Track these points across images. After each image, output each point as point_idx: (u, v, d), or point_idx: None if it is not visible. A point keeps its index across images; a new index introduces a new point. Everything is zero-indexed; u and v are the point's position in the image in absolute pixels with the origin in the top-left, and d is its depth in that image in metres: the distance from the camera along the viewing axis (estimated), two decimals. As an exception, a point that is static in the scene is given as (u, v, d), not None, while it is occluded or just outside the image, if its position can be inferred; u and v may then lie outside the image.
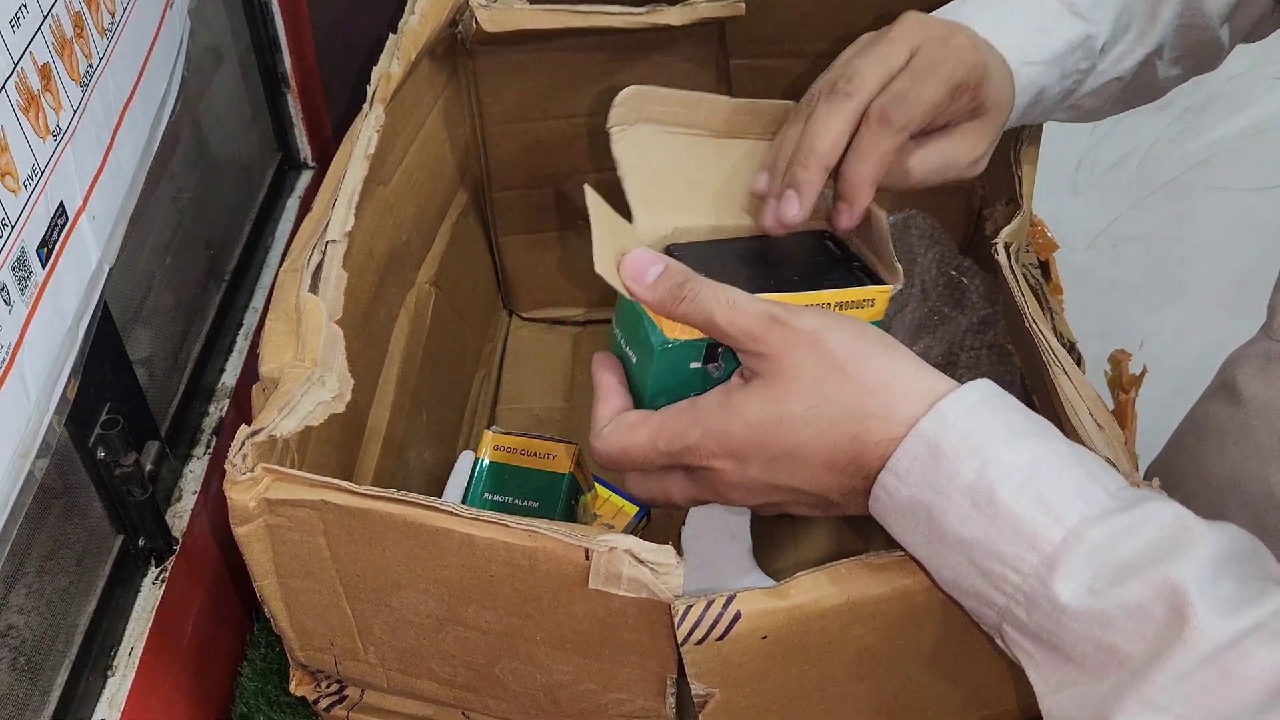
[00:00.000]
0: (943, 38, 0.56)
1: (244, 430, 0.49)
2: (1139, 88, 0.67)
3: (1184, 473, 0.65)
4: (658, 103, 0.61)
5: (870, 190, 0.56)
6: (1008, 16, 0.60)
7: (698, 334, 0.51)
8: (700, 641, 0.46)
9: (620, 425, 0.51)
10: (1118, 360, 0.74)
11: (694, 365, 0.52)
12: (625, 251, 0.52)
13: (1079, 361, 0.61)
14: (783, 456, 0.47)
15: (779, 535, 0.82)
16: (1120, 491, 0.43)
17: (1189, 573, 0.39)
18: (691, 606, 0.46)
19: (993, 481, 0.43)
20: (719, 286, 0.49)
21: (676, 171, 0.61)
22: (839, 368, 0.46)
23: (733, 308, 0.48)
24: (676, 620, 0.46)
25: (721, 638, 0.46)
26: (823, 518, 0.53)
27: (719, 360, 0.52)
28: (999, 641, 0.45)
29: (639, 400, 0.53)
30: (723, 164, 0.62)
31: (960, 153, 0.59)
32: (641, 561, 0.46)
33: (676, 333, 0.51)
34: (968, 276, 0.88)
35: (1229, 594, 0.39)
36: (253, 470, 0.49)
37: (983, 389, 0.45)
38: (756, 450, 0.47)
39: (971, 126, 0.59)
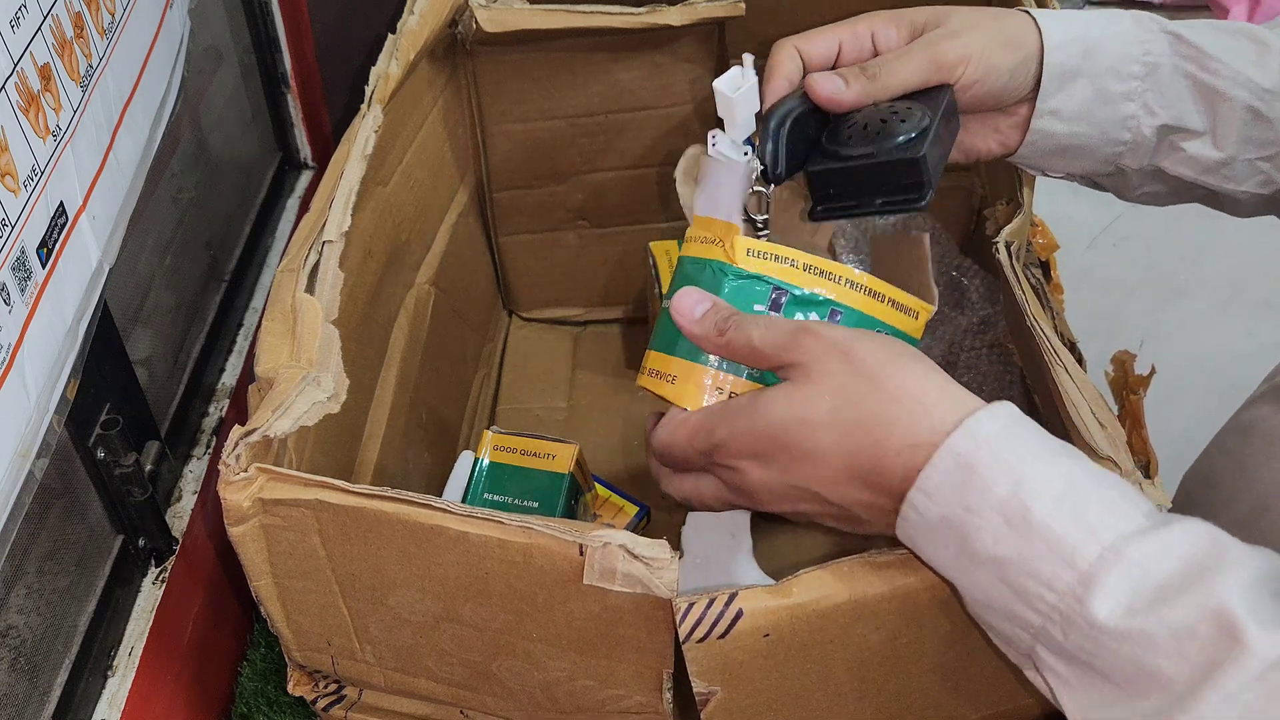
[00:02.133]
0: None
1: (238, 430, 0.49)
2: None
3: (1226, 476, 0.64)
4: None
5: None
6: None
7: None
8: (702, 639, 0.46)
9: (669, 422, 0.53)
10: (1122, 361, 0.74)
11: None
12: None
13: (1080, 361, 0.61)
14: (804, 458, 0.47)
15: (779, 535, 0.82)
16: (1153, 513, 0.43)
17: (1234, 593, 0.38)
18: (693, 604, 0.46)
19: (1027, 498, 0.42)
20: (756, 317, 0.51)
21: None
22: (866, 375, 0.46)
23: (769, 327, 0.50)
24: (678, 618, 0.46)
25: (723, 636, 0.46)
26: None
27: None
28: (1029, 671, 0.44)
29: None
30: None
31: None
32: (636, 557, 0.46)
33: None
34: (968, 276, 0.88)
35: (1276, 613, 0.38)
36: (247, 470, 0.49)
37: (1010, 410, 0.45)
38: (779, 450, 0.47)
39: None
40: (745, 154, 0.57)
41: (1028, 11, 0.60)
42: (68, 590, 0.62)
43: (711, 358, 0.53)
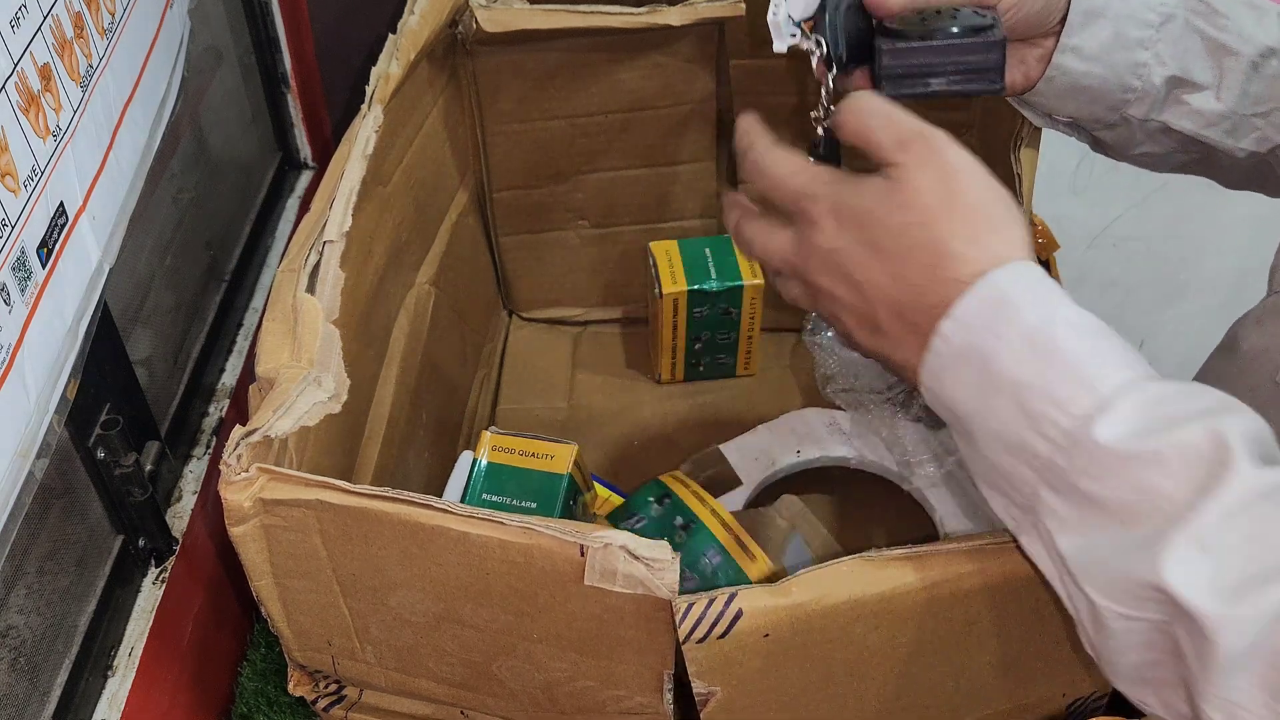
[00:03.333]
0: None
1: (239, 430, 0.49)
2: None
3: (1212, 376, 0.65)
4: None
5: None
6: None
7: None
8: (702, 640, 0.46)
9: (787, 160, 0.51)
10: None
11: None
12: None
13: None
14: (868, 244, 0.47)
15: (777, 535, 0.82)
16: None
17: (1235, 427, 0.40)
18: (693, 605, 0.46)
19: (1056, 328, 0.43)
20: (880, 103, 0.50)
21: None
22: (952, 204, 0.46)
23: (890, 119, 0.49)
24: (678, 619, 0.46)
25: (723, 636, 0.46)
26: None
27: None
28: (1027, 534, 0.45)
29: None
30: None
31: None
32: (637, 558, 0.46)
33: None
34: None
35: (1266, 456, 0.40)
36: (247, 470, 0.49)
37: (1054, 282, 0.46)
38: (854, 228, 0.48)
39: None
40: (794, 35, 0.57)
41: None
42: (68, 590, 0.62)
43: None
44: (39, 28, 0.51)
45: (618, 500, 0.79)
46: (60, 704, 0.59)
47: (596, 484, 0.77)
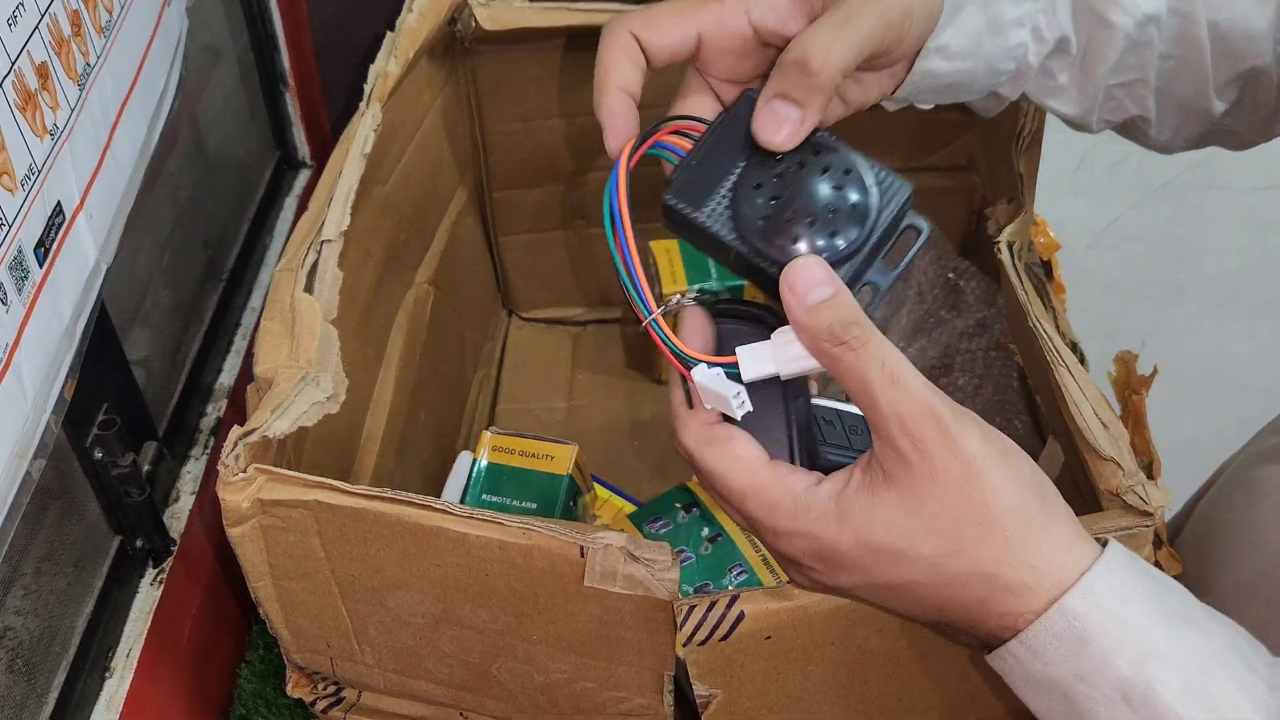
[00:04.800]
0: None
1: (236, 431, 0.49)
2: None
3: (1235, 534, 0.62)
4: None
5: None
6: None
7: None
8: (703, 642, 0.46)
9: (724, 459, 0.44)
10: (1125, 361, 0.73)
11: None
12: None
13: (1083, 361, 0.61)
14: (887, 587, 0.42)
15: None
16: (1272, 671, 0.40)
17: None
18: (694, 607, 0.46)
19: (1151, 679, 0.38)
20: (886, 345, 0.41)
21: None
22: (988, 517, 0.40)
23: (896, 384, 0.40)
24: (679, 621, 0.46)
25: (725, 638, 0.46)
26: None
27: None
28: None
29: None
30: None
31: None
32: (637, 559, 0.45)
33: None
34: (964, 279, 0.88)
35: None
36: (245, 471, 0.48)
37: (1124, 557, 0.41)
38: (860, 572, 0.42)
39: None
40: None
41: None
42: (65, 591, 0.61)
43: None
44: (36, 26, 0.51)
45: (618, 501, 0.79)
46: (58, 706, 0.58)
47: (596, 485, 0.77)
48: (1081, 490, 0.57)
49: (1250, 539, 0.60)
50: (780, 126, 0.45)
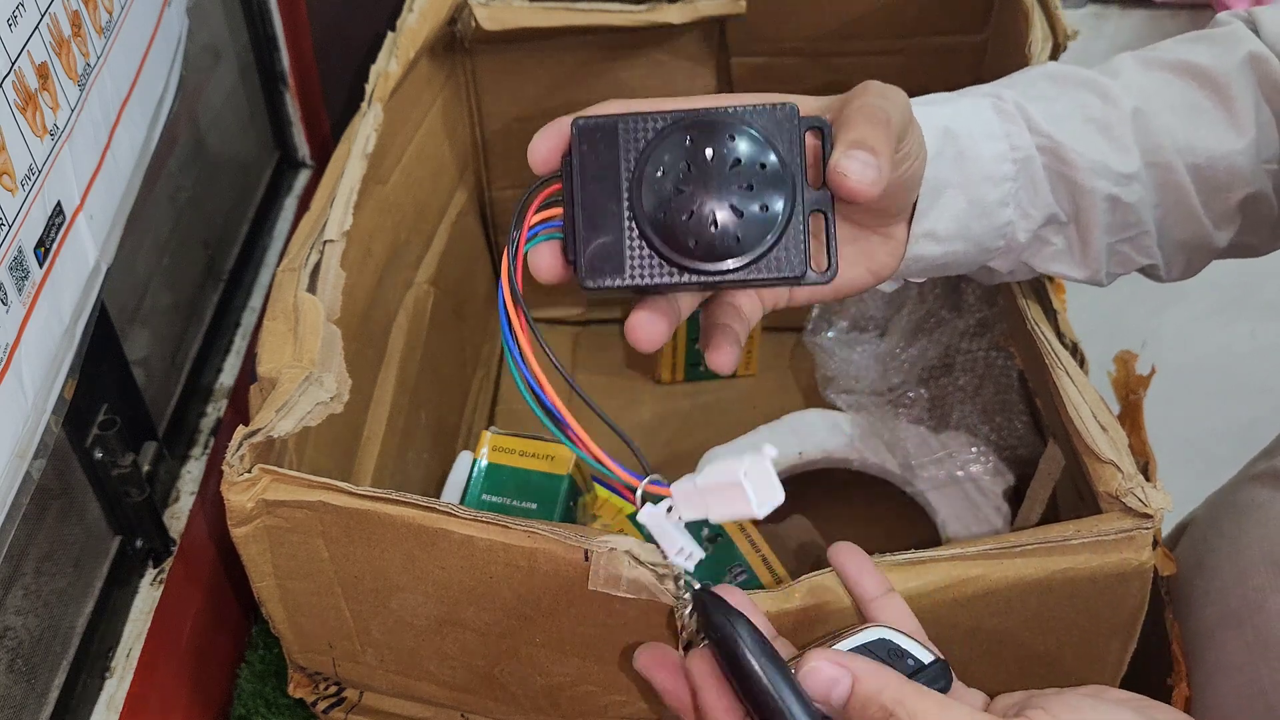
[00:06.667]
0: None
1: (241, 431, 0.49)
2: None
3: (1221, 562, 0.62)
4: None
5: None
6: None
7: None
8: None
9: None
10: (1124, 361, 0.73)
11: None
12: None
13: (1082, 363, 0.61)
14: None
15: (780, 538, 0.82)
16: None
17: None
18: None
19: None
20: (946, 705, 0.39)
21: None
22: None
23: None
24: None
25: (723, 639, 0.46)
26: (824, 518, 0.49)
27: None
28: None
29: None
30: None
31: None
32: (641, 563, 0.45)
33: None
34: (965, 279, 0.88)
35: None
36: (250, 471, 0.48)
37: None
38: None
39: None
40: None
41: None
42: (65, 591, 0.61)
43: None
44: (36, 26, 0.51)
45: (618, 501, 0.79)
46: (58, 706, 0.58)
47: (596, 485, 0.77)
48: (1082, 493, 0.57)
49: (1235, 568, 0.60)
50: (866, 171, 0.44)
